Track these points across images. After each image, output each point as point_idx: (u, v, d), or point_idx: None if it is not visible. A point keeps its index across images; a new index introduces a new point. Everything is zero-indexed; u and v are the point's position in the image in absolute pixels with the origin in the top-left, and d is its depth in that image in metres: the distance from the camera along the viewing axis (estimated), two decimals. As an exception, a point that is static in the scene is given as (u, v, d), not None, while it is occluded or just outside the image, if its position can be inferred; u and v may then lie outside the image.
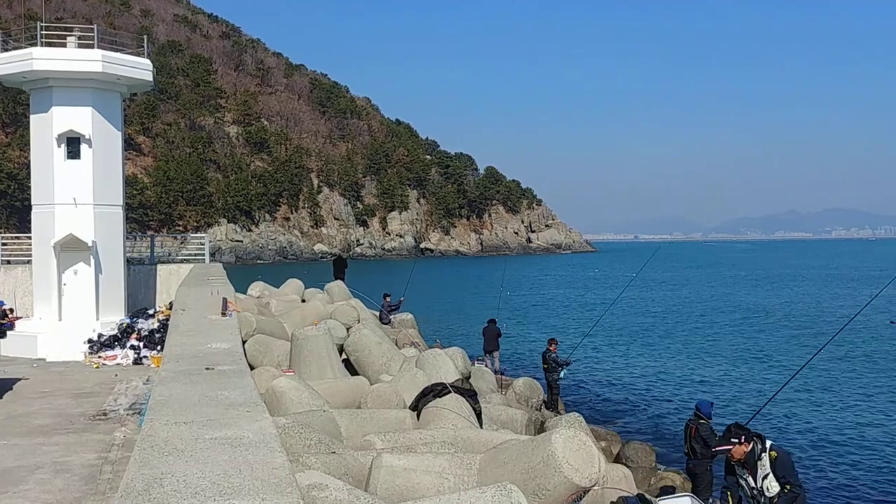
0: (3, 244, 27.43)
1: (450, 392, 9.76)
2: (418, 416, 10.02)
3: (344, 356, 16.10)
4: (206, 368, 8.87)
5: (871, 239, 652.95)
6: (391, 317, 26.33)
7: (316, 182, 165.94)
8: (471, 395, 10.26)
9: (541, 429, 15.01)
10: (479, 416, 10.13)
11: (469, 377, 15.18)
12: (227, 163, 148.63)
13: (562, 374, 20.21)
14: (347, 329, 18.38)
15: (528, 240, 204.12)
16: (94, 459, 12.14)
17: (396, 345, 19.22)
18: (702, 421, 11.89)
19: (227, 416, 6.48)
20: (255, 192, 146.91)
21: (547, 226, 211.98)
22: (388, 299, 27.00)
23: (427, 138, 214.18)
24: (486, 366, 21.86)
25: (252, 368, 12.41)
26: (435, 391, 9.94)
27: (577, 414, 11.62)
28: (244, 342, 15.12)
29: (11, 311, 23.60)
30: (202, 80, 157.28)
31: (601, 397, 24.99)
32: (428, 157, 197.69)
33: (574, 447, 6.79)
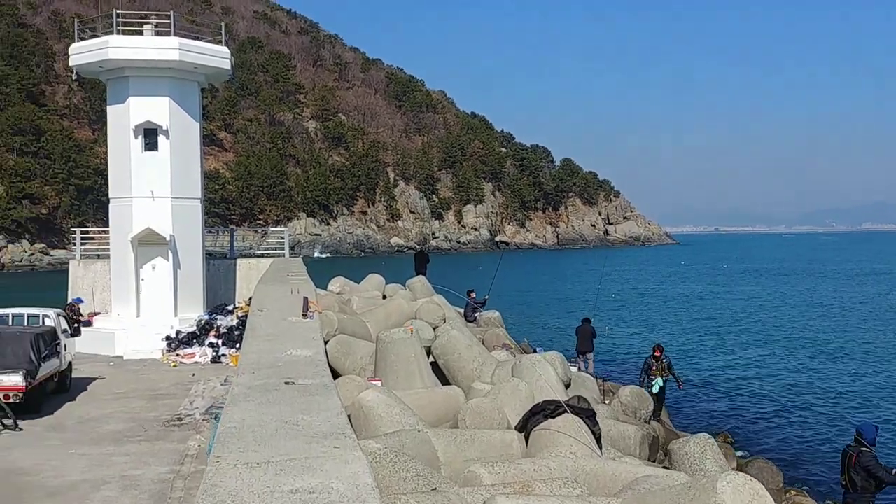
0: (83, 240, 27.18)
1: (565, 412, 8.36)
2: (526, 438, 8.67)
3: (430, 359, 14.85)
4: (286, 382, 7.68)
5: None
6: (476, 315, 25.01)
7: (392, 176, 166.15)
8: (589, 415, 8.82)
9: (659, 449, 13.47)
10: (598, 439, 8.71)
11: (569, 384, 13.75)
12: (306, 157, 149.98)
13: (660, 383, 18.39)
14: (433, 329, 17.16)
15: (606, 232, 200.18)
16: (166, 473, 11.19)
17: (484, 345, 17.92)
18: (864, 449, 10.17)
19: (310, 452, 5.23)
20: (332, 186, 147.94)
21: (625, 218, 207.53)
22: (472, 296, 25.68)
23: (502, 130, 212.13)
24: (580, 368, 20.35)
25: (334, 374, 11.25)
26: (546, 410, 8.55)
27: (707, 435, 10.07)
28: (325, 342, 14.02)
29: (76, 309, 23.12)
30: (281, 76, 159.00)
31: (707, 405, 23.02)
32: (503, 149, 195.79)
33: (746, 498, 5.34)
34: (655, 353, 18.62)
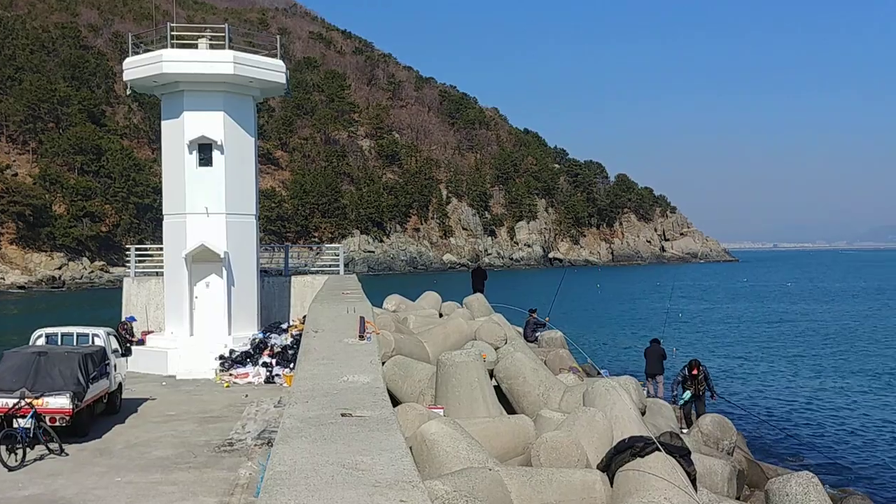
0: (139, 257, 26.97)
1: (656, 450, 7.42)
2: (611, 479, 7.75)
3: (493, 383, 13.97)
4: (342, 414, 6.89)
5: None
6: (537, 335, 24.04)
7: (445, 193, 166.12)
8: (683, 454, 7.84)
9: (747, 483, 12.36)
10: (693, 481, 7.73)
11: (644, 412, 12.73)
12: (360, 175, 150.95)
13: (687, 396, 17.59)
14: (495, 349, 16.29)
15: (662, 249, 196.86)
16: (214, 504, 10.53)
17: (546, 367, 16.97)
18: None
19: (373, 506, 4.41)
20: (386, 203, 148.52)
21: (682, 234, 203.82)
22: (534, 315, 24.73)
23: (556, 147, 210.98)
24: (649, 392, 19.23)
25: (392, 398, 10.47)
26: (634, 448, 7.60)
27: (810, 474, 9.00)
28: (383, 363, 13.26)
29: (129, 328, 22.83)
30: (336, 95, 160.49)
31: (782, 432, 21.56)
32: (556, 165, 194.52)
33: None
34: (693, 372, 17.67)
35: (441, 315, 23.61)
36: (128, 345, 18.08)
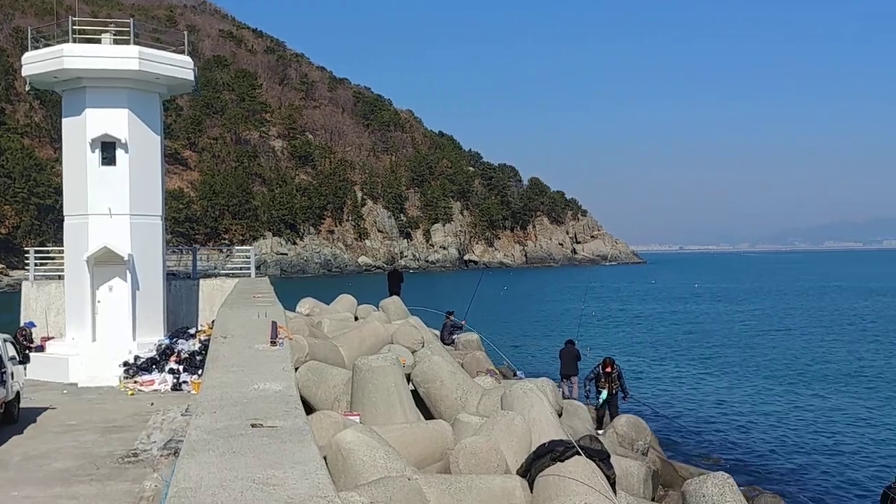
0: (39, 260, 25.72)
1: (576, 454, 7.35)
2: (531, 485, 7.64)
3: (410, 387, 13.77)
4: (253, 425, 6.59)
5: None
6: (453, 337, 23.96)
7: (360, 195, 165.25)
8: (603, 458, 7.81)
9: (661, 484, 12.49)
10: (613, 485, 7.70)
11: (561, 413, 12.75)
12: (272, 176, 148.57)
13: (604, 395, 17.82)
14: (413, 353, 16.10)
15: (574, 251, 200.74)
16: (117, 520, 10.01)
17: (464, 370, 16.87)
18: None
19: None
20: (299, 205, 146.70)
21: (592, 237, 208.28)
22: (451, 318, 24.65)
23: (470, 150, 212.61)
24: (564, 393, 19.34)
25: (306, 405, 10.17)
26: (554, 452, 7.52)
27: (725, 474, 9.10)
28: (296, 368, 12.90)
29: (28, 334, 21.77)
30: (247, 95, 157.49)
31: (694, 431, 22.01)
32: (471, 168, 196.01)
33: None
34: (606, 370, 17.88)
35: (357, 318, 23.30)
36: (26, 352, 17.17)
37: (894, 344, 40.97)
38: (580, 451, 7.42)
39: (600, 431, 15.23)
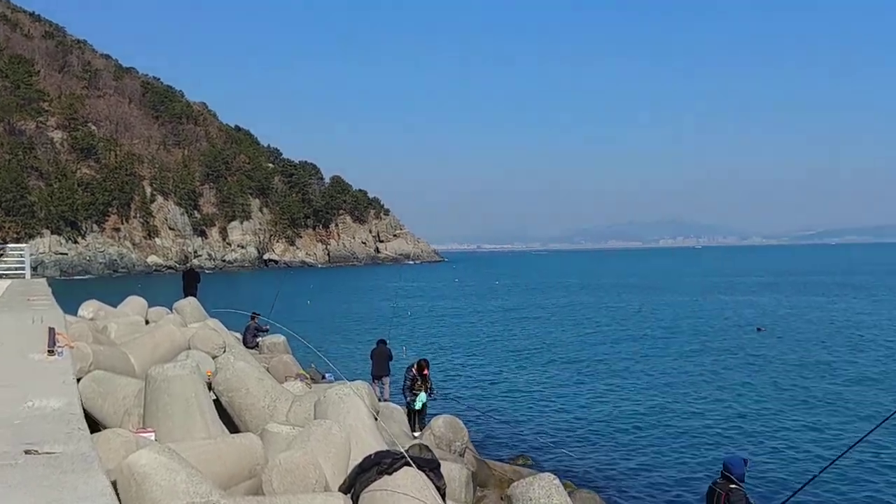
0: None
1: (406, 465, 6.72)
2: (356, 502, 6.90)
3: (212, 396, 12.57)
4: (27, 451, 5.43)
5: (697, 247, 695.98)
6: (257, 340, 22.69)
7: (149, 190, 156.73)
8: (433, 468, 7.22)
9: (479, 484, 12.13)
10: (443, 496, 7.14)
11: (377, 416, 12.09)
12: (51, 170, 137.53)
13: (423, 398, 17.50)
14: (213, 358, 14.83)
15: (377, 250, 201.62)
16: None
17: (271, 375, 15.82)
18: (733, 486, 9.31)
19: None
20: (81, 201, 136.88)
21: (395, 235, 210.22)
22: (255, 320, 23.34)
23: (269, 146, 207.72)
24: (376, 395, 18.72)
25: (91, 423, 8.85)
26: (381, 465, 6.84)
27: (552, 476, 8.86)
28: (78, 380, 11.35)
29: None
30: (23, 82, 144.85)
31: (504, 426, 22.06)
32: (270, 165, 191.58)
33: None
34: (424, 372, 17.59)
35: (148, 322, 21.42)
36: None
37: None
38: (411, 461, 6.81)
39: (416, 434, 14.78)
